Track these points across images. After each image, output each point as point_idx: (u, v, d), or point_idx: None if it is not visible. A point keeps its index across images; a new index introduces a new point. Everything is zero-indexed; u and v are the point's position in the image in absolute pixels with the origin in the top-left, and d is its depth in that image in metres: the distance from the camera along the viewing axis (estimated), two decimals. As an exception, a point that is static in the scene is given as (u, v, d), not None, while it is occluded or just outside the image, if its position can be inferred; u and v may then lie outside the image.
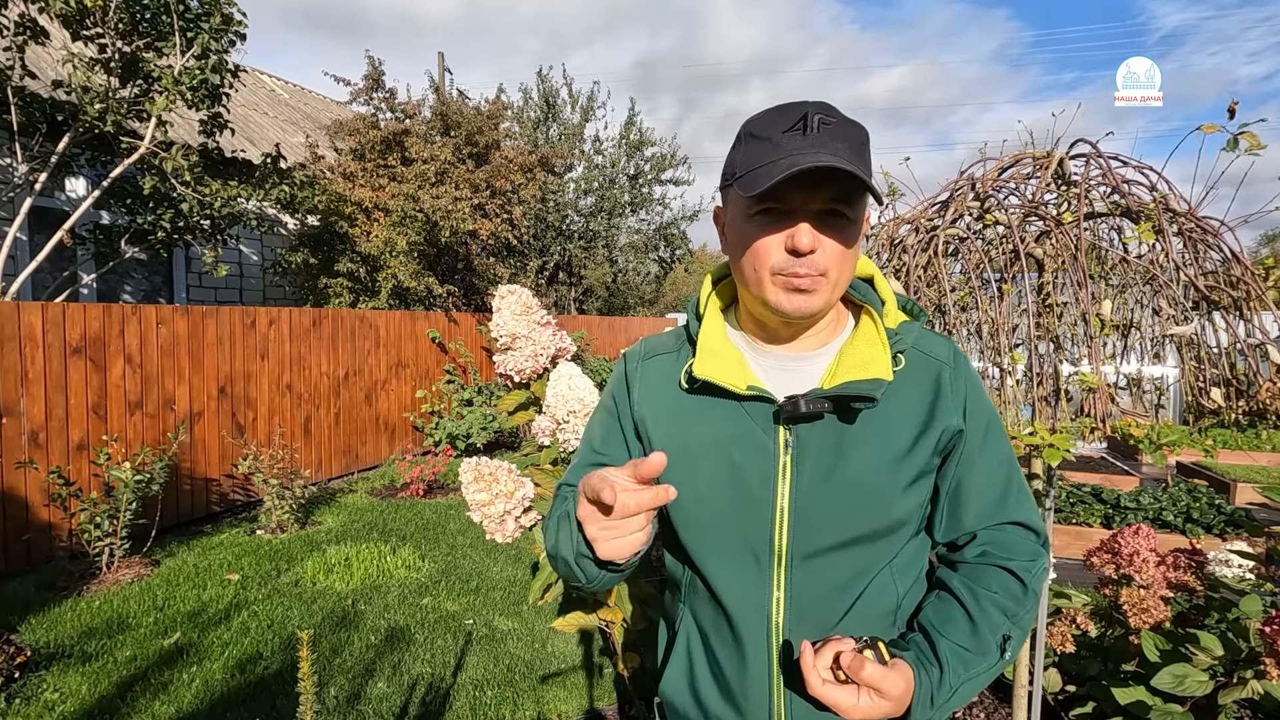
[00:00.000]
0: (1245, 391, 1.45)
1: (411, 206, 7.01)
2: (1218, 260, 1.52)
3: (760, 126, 0.76)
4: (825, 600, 0.82)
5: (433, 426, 6.83)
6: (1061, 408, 1.56)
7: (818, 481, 0.80)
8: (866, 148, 0.76)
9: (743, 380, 0.82)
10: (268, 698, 2.59)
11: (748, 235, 0.78)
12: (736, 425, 0.83)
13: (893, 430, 0.81)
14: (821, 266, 0.75)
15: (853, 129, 0.75)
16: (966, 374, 0.86)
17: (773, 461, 0.81)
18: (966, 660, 0.76)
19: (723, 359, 0.84)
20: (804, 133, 0.73)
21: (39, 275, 5.00)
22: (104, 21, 4.30)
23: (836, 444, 0.80)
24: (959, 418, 0.83)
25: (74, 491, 3.63)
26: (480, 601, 3.51)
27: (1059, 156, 1.66)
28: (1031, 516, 0.86)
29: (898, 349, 0.83)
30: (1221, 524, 4.22)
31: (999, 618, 0.78)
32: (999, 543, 0.84)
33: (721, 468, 0.83)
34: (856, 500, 0.80)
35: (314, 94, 11.61)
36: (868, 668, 0.70)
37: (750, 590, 0.83)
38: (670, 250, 15.76)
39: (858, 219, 0.77)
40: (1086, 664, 2.23)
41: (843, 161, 0.70)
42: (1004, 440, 0.87)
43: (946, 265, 1.64)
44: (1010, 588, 0.80)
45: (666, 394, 0.88)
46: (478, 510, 1.65)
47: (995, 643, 0.78)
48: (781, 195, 0.74)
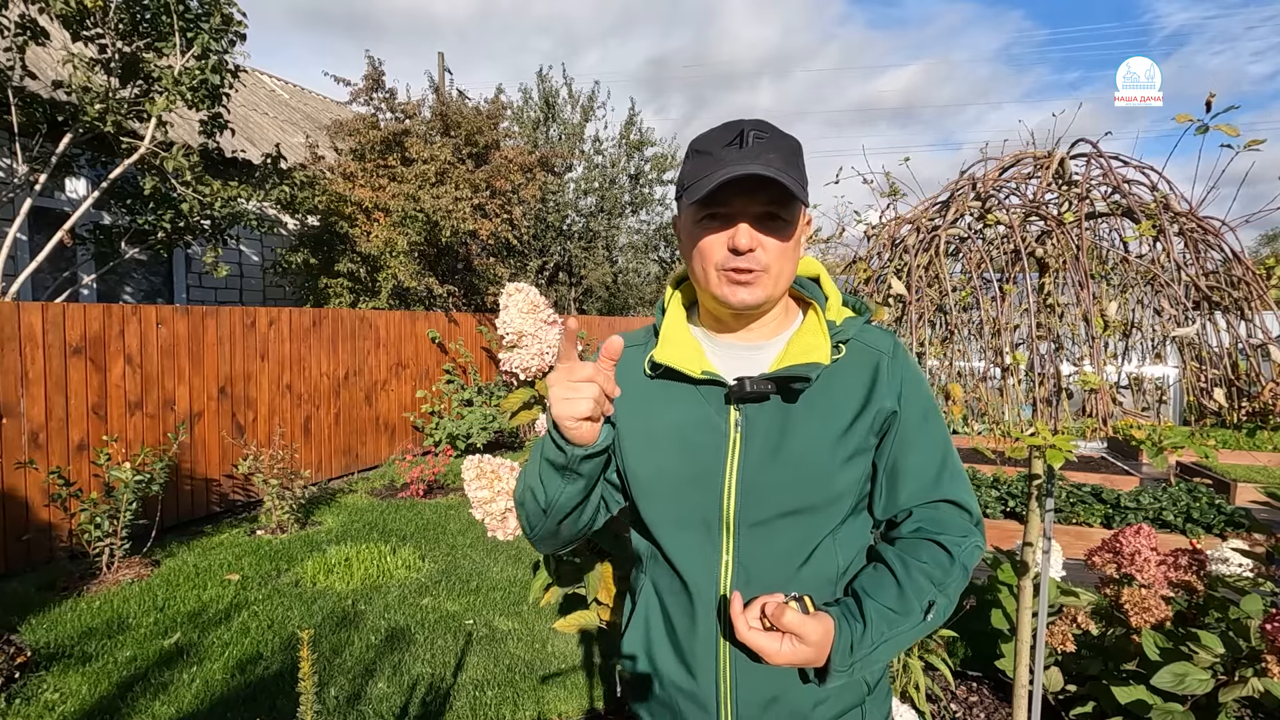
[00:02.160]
0: (1247, 392, 1.45)
1: (412, 206, 7.00)
2: (1219, 260, 1.52)
3: (703, 143, 0.86)
4: (770, 566, 0.89)
5: (433, 427, 6.83)
6: (1063, 408, 1.56)
7: (765, 456, 0.88)
8: (799, 157, 0.86)
9: (698, 366, 0.91)
10: (268, 698, 2.59)
11: (697, 237, 0.88)
12: (693, 407, 0.92)
13: (833, 411, 0.89)
14: (762, 263, 0.85)
15: (785, 141, 0.85)
16: (905, 363, 0.94)
17: (724, 439, 0.90)
18: (890, 619, 0.83)
19: (681, 347, 0.94)
20: (740, 146, 0.83)
21: (39, 275, 5.00)
22: (104, 22, 4.30)
23: (782, 423, 0.89)
24: (894, 401, 0.91)
25: (74, 492, 3.63)
26: (480, 601, 3.51)
27: (1060, 156, 1.66)
28: (964, 496, 0.93)
29: (839, 339, 0.92)
30: (1221, 524, 4.22)
31: (926, 584, 0.85)
32: (932, 519, 0.91)
33: (679, 445, 0.91)
34: (799, 474, 0.87)
35: (314, 94, 11.61)
36: (788, 615, 0.77)
37: (702, 557, 0.91)
38: (670, 250, 15.76)
39: (793, 220, 0.86)
40: (1087, 663, 2.23)
41: (772, 170, 0.80)
42: (940, 426, 0.95)
43: (948, 265, 1.64)
44: (939, 559, 0.87)
45: (633, 381, 0.96)
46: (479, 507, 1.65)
47: (920, 606, 0.84)
48: (723, 201, 0.84)
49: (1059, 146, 1.68)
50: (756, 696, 0.90)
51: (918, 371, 0.95)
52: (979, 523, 0.93)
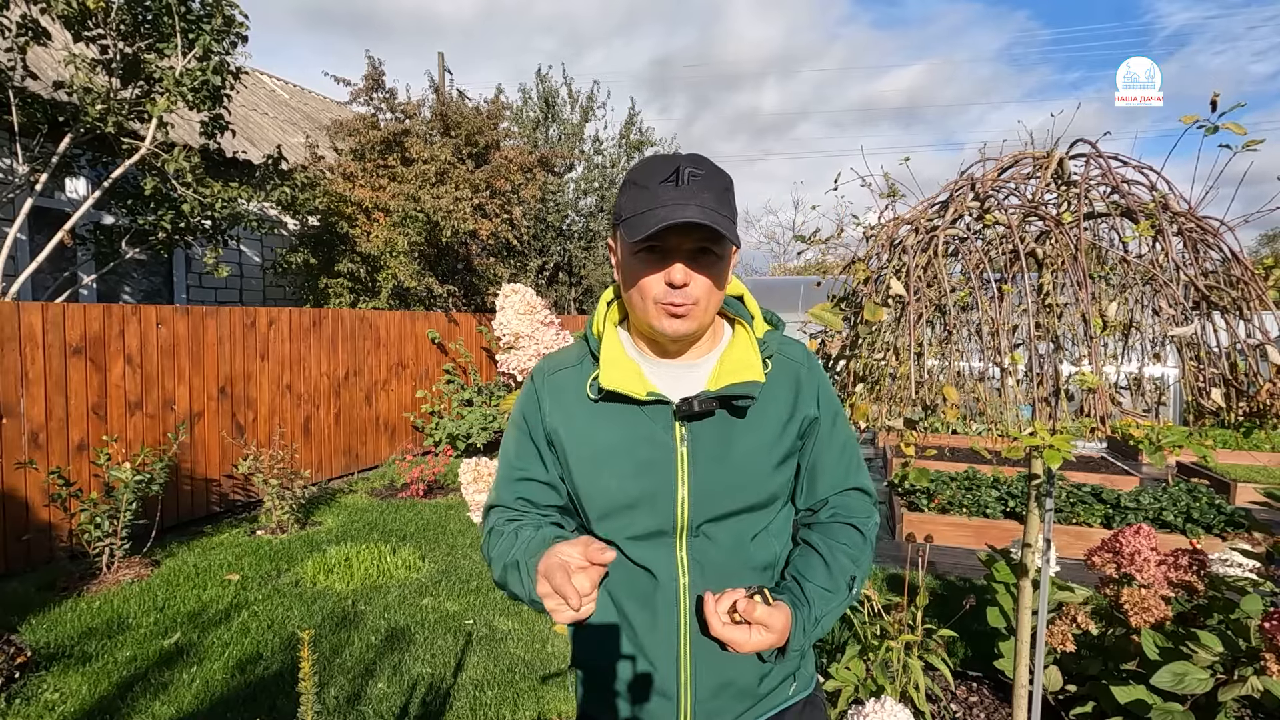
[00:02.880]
0: (1245, 392, 1.45)
1: (412, 207, 7.01)
2: (1218, 260, 1.52)
3: (641, 176, 0.91)
4: (719, 561, 0.98)
5: (433, 427, 6.83)
6: (1061, 408, 1.56)
7: (712, 465, 0.97)
8: (730, 193, 0.93)
9: (642, 388, 0.97)
10: (268, 698, 2.59)
11: (634, 271, 0.93)
12: (639, 427, 0.98)
13: (767, 422, 0.99)
14: (694, 296, 0.91)
15: (718, 179, 0.91)
16: (818, 372, 1.06)
17: (672, 453, 0.97)
18: (825, 597, 0.96)
19: (623, 370, 0.98)
20: (676, 184, 0.88)
21: (39, 275, 5.00)
22: (105, 23, 4.31)
23: (725, 436, 0.97)
24: (814, 407, 1.03)
25: (74, 492, 3.64)
26: (480, 601, 3.51)
27: (1059, 156, 1.66)
28: (866, 482, 1.08)
29: (766, 354, 1.01)
30: (1221, 524, 4.22)
31: (847, 562, 0.99)
32: (844, 505, 1.05)
33: (629, 463, 0.97)
34: (742, 479, 0.98)
35: (314, 94, 11.61)
36: (759, 609, 0.87)
37: (661, 558, 0.98)
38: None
39: (725, 255, 0.93)
40: (1087, 663, 2.23)
41: (704, 215, 0.86)
42: (846, 424, 1.09)
43: (946, 265, 1.65)
44: (854, 539, 1.01)
45: (574, 404, 1.01)
46: (477, 510, 1.65)
47: (845, 582, 0.98)
48: (659, 238, 0.89)
49: (1058, 147, 1.69)
50: (712, 681, 0.99)
51: (826, 376, 1.09)
52: (876, 501, 1.09)
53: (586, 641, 1.05)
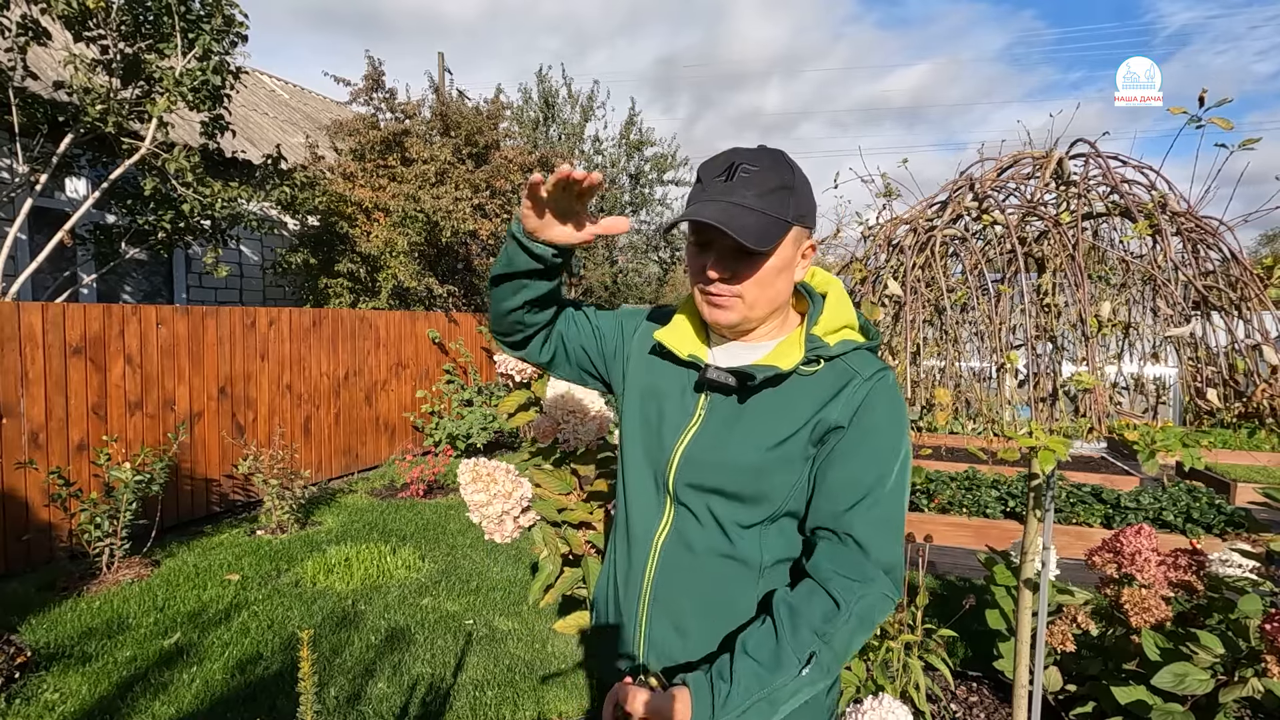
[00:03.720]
0: (1242, 392, 1.45)
1: (412, 207, 7.01)
2: (1217, 260, 1.52)
3: (704, 170, 0.93)
4: (701, 537, 0.98)
5: (433, 427, 6.83)
6: (1059, 408, 1.56)
7: (711, 440, 0.97)
8: (783, 192, 0.90)
9: (687, 350, 1.01)
10: (268, 698, 2.59)
11: (689, 257, 0.98)
12: (674, 383, 1.03)
13: (782, 416, 0.95)
14: (735, 290, 0.93)
15: (773, 176, 0.89)
16: (878, 391, 0.93)
17: (688, 418, 1.00)
18: (760, 678, 0.83)
19: (681, 331, 1.04)
20: (726, 179, 0.89)
21: (39, 275, 5.00)
22: (106, 23, 4.31)
23: (736, 417, 0.97)
24: (844, 417, 0.92)
25: (74, 492, 3.64)
26: (480, 602, 3.51)
27: (1058, 156, 1.66)
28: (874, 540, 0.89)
29: (819, 354, 0.95)
30: (1221, 524, 4.22)
31: (808, 637, 0.84)
32: (833, 556, 0.90)
33: (655, 411, 1.04)
34: (732, 464, 0.95)
35: (314, 94, 11.61)
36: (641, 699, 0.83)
37: (648, 511, 1.03)
38: (670, 250, 15.76)
39: (767, 253, 0.91)
40: (1087, 663, 2.23)
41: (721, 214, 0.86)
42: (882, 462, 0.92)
43: (945, 265, 1.64)
44: (827, 609, 0.86)
45: (647, 346, 1.09)
46: (476, 511, 1.65)
47: (798, 659, 0.83)
48: (700, 231, 0.92)
49: (1057, 146, 1.68)
50: (664, 655, 1.01)
51: (895, 407, 0.94)
52: (891, 571, 0.89)
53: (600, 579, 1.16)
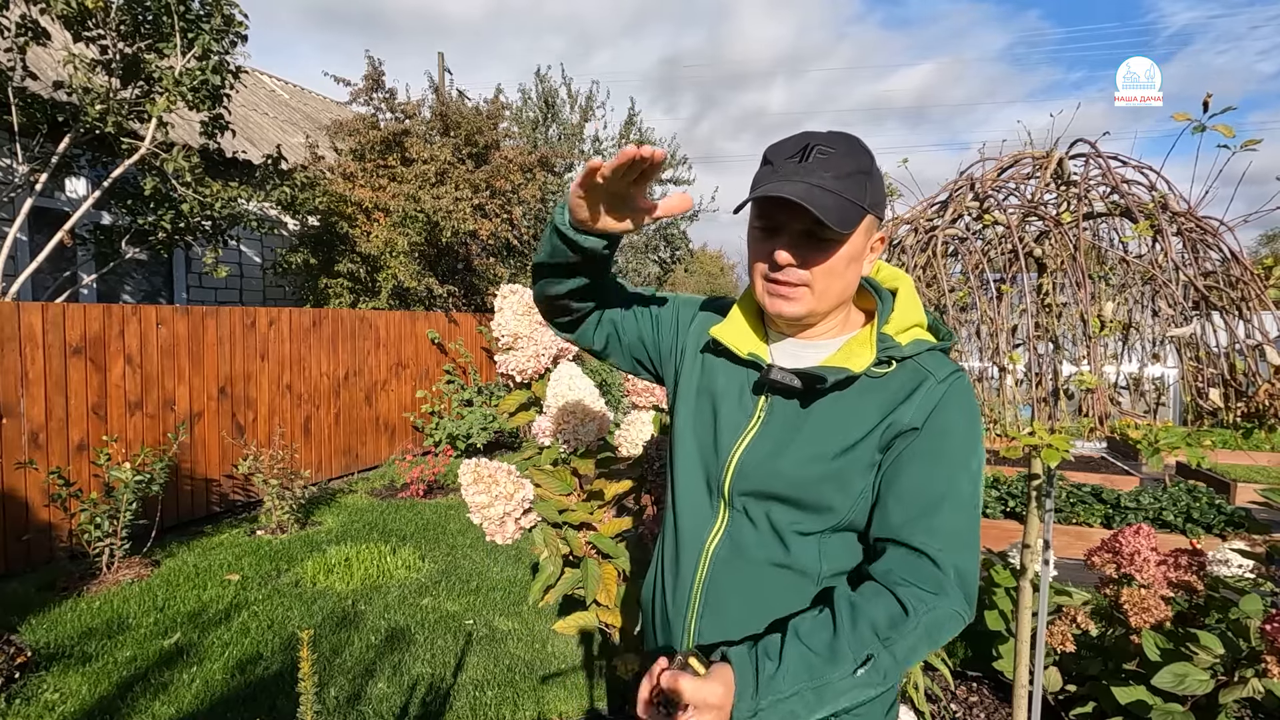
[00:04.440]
0: (1244, 393, 1.45)
1: (412, 207, 7.00)
2: (1217, 260, 1.52)
3: (774, 152, 0.87)
4: (755, 543, 0.93)
5: (433, 427, 6.83)
6: (1060, 408, 1.56)
7: (771, 447, 0.91)
8: (860, 176, 0.83)
9: (746, 348, 0.96)
10: (268, 698, 2.59)
11: (750, 244, 0.92)
12: (731, 383, 0.98)
13: (850, 422, 0.88)
14: (802, 278, 0.86)
15: (850, 159, 0.84)
16: (954, 393, 0.87)
17: (746, 419, 0.94)
18: (811, 667, 0.75)
19: (739, 328, 0.98)
20: (801, 160, 0.83)
21: (39, 275, 4.99)
22: (105, 23, 4.30)
23: (799, 421, 0.91)
24: (918, 419, 0.85)
25: (74, 492, 3.63)
26: (480, 602, 3.51)
27: (1058, 156, 1.66)
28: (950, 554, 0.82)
29: (891, 355, 0.89)
30: (1221, 524, 4.22)
31: (869, 636, 0.77)
32: (906, 565, 0.82)
33: (711, 413, 0.98)
34: (792, 472, 0.89)
35: (314, 94, 11.61)
36: (683, 682, 0.73)
37: (699, 516, 0.98)
38: (670, 250, 15.75)
39: (840, 240, 0.84)
40: (1087, 663, 2.23)
41: (803, 193, 0.79)
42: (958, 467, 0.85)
43: (946, 265, 1.64)
44: (893, 612, 0.79)
45: (703, 343, 1.03)
46: (477, 512, 1.65)
47: (855, 658, 0.76)
48: (770, 215, 0.86)
49: (1058, 147, 1.68)
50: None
51: (970, 410, 0.87)
52: (966, 586, 0.81)
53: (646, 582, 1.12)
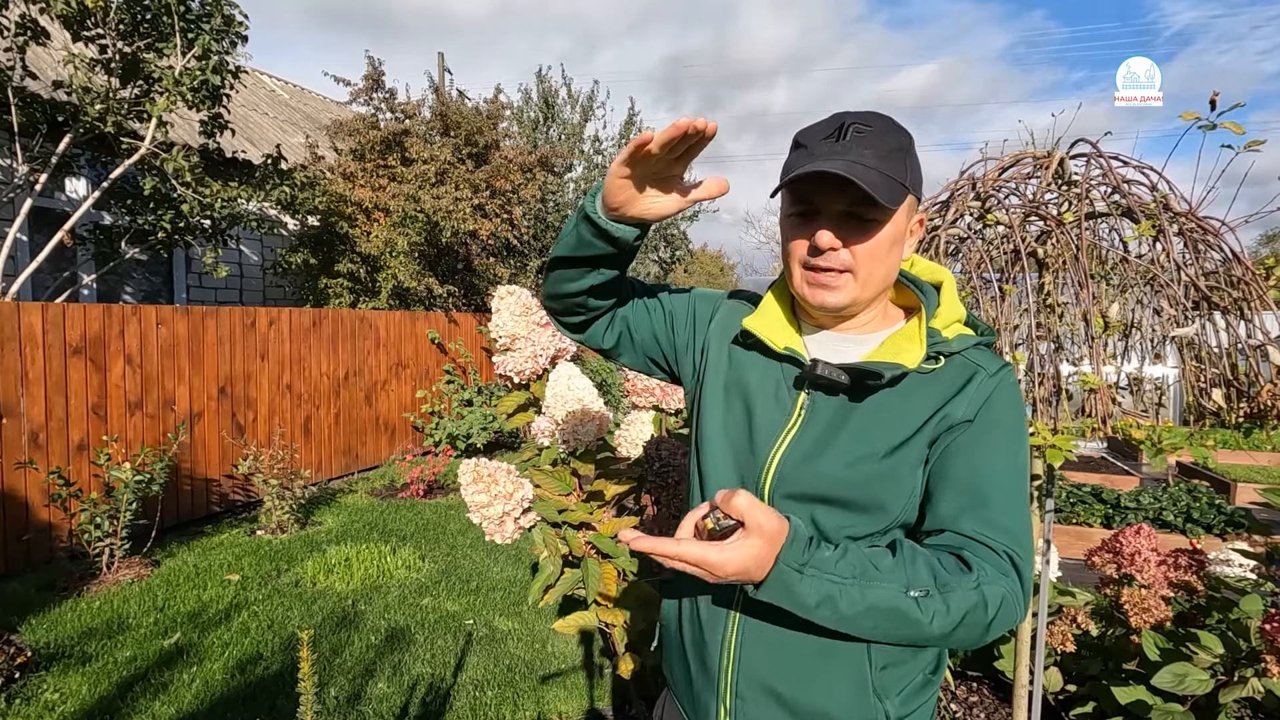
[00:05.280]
0: (1246, 392, 1.45)
1: (412, 207, 7.00)
2: (1218, 260, 1.52)
3: (806, 135, 0.83)
4: None
5: (433, 427, 6.83)
6: (1062, 408, 1.56)
7: (815, 446, 0.86)
8: (900, 154, 0.80)
9: (783, 341, 0.90)
10: (268, 698, 2.59)
11: (785, 233, 0.86)
12: (767, 379, 0.92)
13: (901, 419, 0.84)
14: (845, 263, 0.81)
15: (889, 137, 0.80)
16: (1004, 388, 0.84)
17: (786, 417, 0.88)
18: (867, 573, 0.72)
19: (772, 320, 0.93)
20: (837, 139, 0.79)
21: (39, 275, 4.99)
22: (105, 22, 4.30)
23: (843, 419, 0.85)
24: (970, 411, 0.83)
25: (74, 492, 3.63)
26: (480, 602, 3.51)
27: (1059, 156, 1.66)
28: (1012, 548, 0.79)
29: (939, 350, 0.85)
30: (1222, 524, 4.22)
31: (926, 576, 0.73)
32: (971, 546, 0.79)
33: (744, 410, 0.92)
34: (839, 473, 0.84)
35: (314, 94, 11.60)
36: (740, 496, 0.69)
37: None
38: (670, 251, 15.75)
39: (882, 220, 0.80)
40: (1087, 663, 2.22)
41: (847, 169, 0.75)
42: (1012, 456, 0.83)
43: (947, 265, 1.64)
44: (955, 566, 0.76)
45: (729, 336, 0.98)
46: (477, 512, 1.65)
47: (907, 583, 0.72)
48: (807, 198, 0.82)
49: (1059, 146, 1.68)
50: (756, 679, 0.88)
51: (1017, 408, 0.85)
52: (1021, 576, 0.78)
53: (667, 606, 1.03)
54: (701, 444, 0.96)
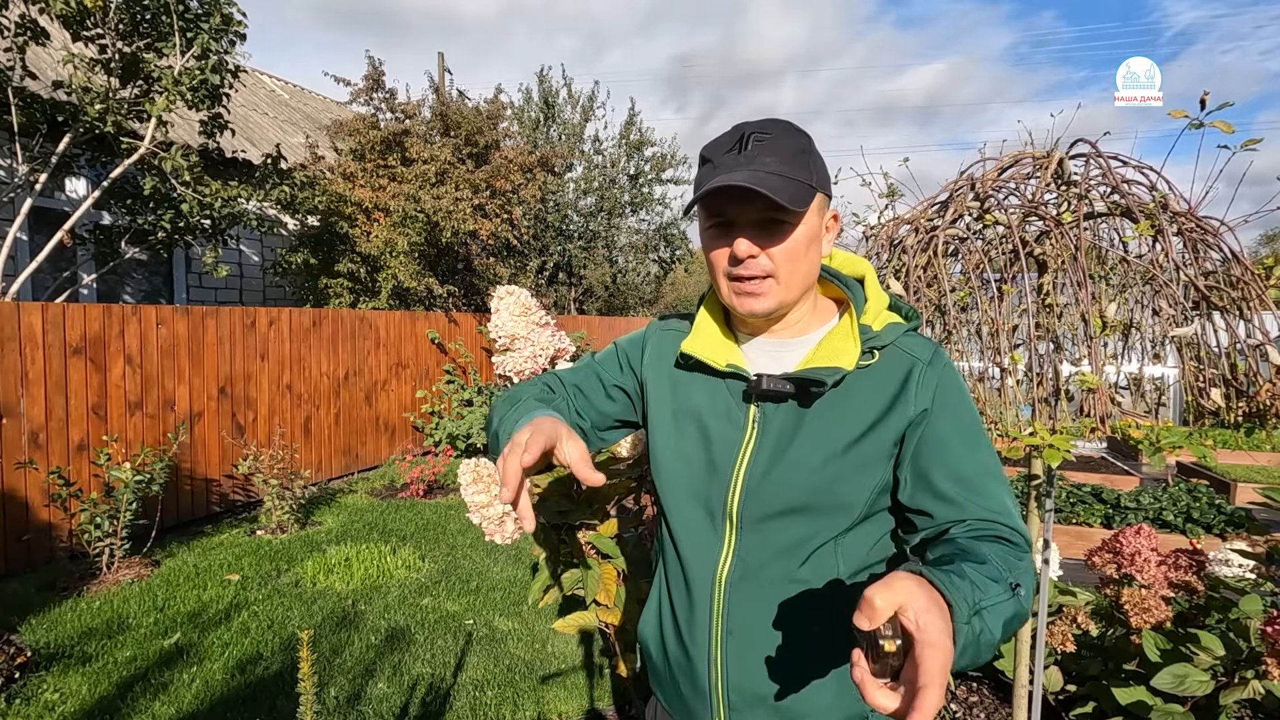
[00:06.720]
0: (1245, 392, 1.45)
1: (412, 207, 7.00)
2: (1218, 260, 1.52)
3: (710, 149, 0.86)
4: (768, 560, 0.89)
5: (433, 427, 6.83)
6: (1061, 408, 1.56)
7: (773, 456, 0.88)
8: (803, 156, 0.83)
9: (724, 358, 0.92)
10: (268, 698, 2.59)
11: (706, 247, 0.89)
12: (716, 398, 0.93)
13: (850, 417, 0.86)
14: (766, 269, 0.84)
15: (788, 140, 0.83)
16: (943, 372, 0.88)
17: (740, 433, 0.90)
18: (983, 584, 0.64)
19: (710, 339, 0.95)
20: (739, 151, 0.82)
21: (39, 275, 5.00)
22: (104, 22, 4.30)
23: (795, 425, 0.88)
24: (925, 401, 0.85)
25: (74, 492, 3.63)
26: (480, 602, 3.51)
27: (1059, 156, 1.66)
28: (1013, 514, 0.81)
29: (873, 345, 0.88)
30: (1221, 524, 4.22)
31: (1002, 567, 0.69)
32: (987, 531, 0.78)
33: (697, 433, 0.93)
34: (801, 477, 0.86)
35: (314, 94, 11.61)
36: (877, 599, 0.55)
37: (703, 545, 0.93)
38: (670, 250, 15.75)
39: (795, 222, 0.83)
40: (1087, 664, 2.22)
41: (751, 179, 0.78)
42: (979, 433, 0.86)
43: (946, 265, 1.64)
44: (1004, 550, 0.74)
45: (667, 364, 1.00)
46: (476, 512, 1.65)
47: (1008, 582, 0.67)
48: (720, 211, 0.84)
49: (1058, 147, 1.68)
50: (747, 690, 0.89)
51: (960, 383, 0.89)
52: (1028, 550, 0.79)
53: (644, 621, 1.05)
54: (658, 474, 0.97)
